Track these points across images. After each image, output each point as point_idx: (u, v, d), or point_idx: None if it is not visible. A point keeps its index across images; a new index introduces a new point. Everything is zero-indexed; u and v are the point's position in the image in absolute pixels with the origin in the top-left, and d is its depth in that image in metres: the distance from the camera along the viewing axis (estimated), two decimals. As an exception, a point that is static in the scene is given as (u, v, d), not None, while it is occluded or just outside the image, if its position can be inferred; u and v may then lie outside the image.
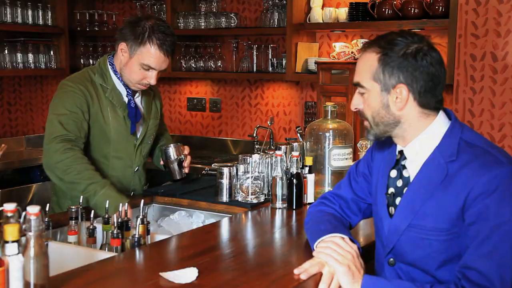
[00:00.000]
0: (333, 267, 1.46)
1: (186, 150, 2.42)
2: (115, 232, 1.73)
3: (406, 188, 1.54)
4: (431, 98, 1.49)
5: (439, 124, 1.52)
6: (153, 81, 2.21)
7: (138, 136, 2.35)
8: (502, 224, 1.36)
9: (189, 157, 2.42)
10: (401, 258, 1.54)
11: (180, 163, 2.37)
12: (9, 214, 1.29)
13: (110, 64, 2.27)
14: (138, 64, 2.18)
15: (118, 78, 2.26)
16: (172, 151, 2.36)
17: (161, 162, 2.45)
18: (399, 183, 1.56)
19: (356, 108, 1.58)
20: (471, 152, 1.45)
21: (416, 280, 1.50)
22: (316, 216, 1.72)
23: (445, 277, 1.47)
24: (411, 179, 1.54)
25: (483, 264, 1.35)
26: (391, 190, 1.58)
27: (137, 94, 2.34)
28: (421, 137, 1.52)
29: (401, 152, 1.57)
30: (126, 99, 2.28)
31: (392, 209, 1.57)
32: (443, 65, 1.52)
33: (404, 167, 1.56)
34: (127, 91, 2.28)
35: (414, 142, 1.53)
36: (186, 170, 2.41)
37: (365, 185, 1.74)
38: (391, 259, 1.56)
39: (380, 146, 1.69)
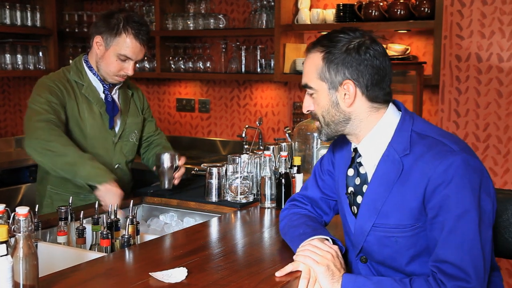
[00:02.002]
0: (311, 267, 1.46)
1: (181, 161, 2.35)
2: (104, 232, 1.74)
3: (365, 185, 1.53)
4: (379, 91, 1.48)
5: (390, 117, 1.52)
6: (130, 72, 2.24)
7: (116, 132, 2.34)
8: (464, 213, 1.37)
9: (182, 169, 2.36)
10: (371, 257, 1.55)
11: (171, 172, 2.31)
12: (-1, 215, 1.30)
13: (85, 62, 2.28)
14: (114, 55, 2.20)
15: (94, 74, 2.27)
16: (165, 158, 2.29)
17: (154, 168, 2.41)
18: (357, 181, 1.56)
19: (308, 110, 1.57)
20: (423, 144, 1.45)
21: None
22: (291, 220, 1.71)
23: (416, 272, 1.48)
24: (369, 176, 1.53)
25: (455, 256, 1.36)
26: (351, 189, 1.58)
27: (113, 91, 2.34)
28: (373, 132, 1.51)
29: (355, 149, 1.58)
30: (102, 95, 2.28)
31: (354, 208, 1.57)
32: (387, 57, 1.50)
33: (360, 164, 1.56)
34: (104, 87, 2.28)
35: (366, 138, 1.52)
36: (176, 182, 2.34)
37: (332, 182, 1.73)
38: (363, 257, 1.57)
39: (339, 143, 1.68)
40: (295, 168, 2.25)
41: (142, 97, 2.53)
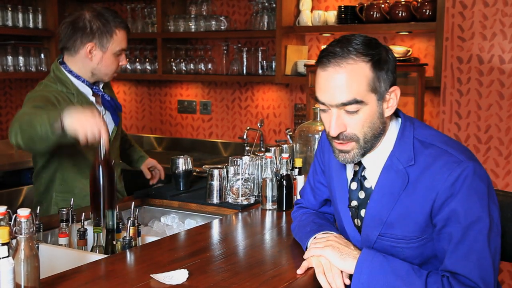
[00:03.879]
0: (321, 255, 1.46)
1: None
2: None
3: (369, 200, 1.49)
4: None
5: (393, 126, 1.47)
6: (125, 61, 2.25)
7: (111, 131, 2.28)
8: (472, 223, 1.34)
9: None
10: None
11: (186, 175, 2.44)
12: None
13: (69, 72, 2.20)
14: (112, 54, 2.20)
15: (79, 80, 2.21)
16: (181, 162, 2.42)
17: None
18: (361, 194, 1.51)
19: (340, 132, 1.39)
20: (428, 154, 1.39)
21: None
22: (301, 219, 1.73)
23: None
24: (373, 188, 1.48)
25: (463, 268, 1.34)
26: (354, 203, 1.53)
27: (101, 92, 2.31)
28: (378, 145, 1.45)
29: (358, 163, 1.50)
30: (92, 98, 2.24)
31: (358, 221, 1.54)
32: None
33: (364, 178, 1.51)
34: (94, 89, 2.25)
35: (374, 151, 1.46)
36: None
37: (324, 189, 1.72)
38: None
39: (328, 149, 1.59)
40: (297, 170, 2.25)
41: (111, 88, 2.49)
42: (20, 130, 1.86)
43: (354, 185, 1.54)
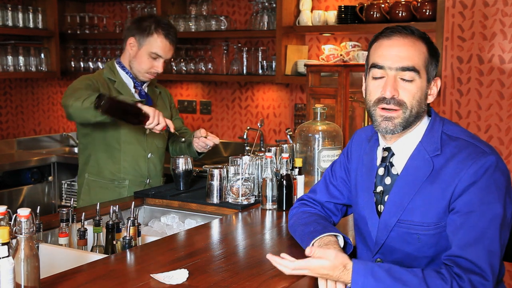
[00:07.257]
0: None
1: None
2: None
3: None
4: None
5: (424, 120, 1.56)
6: (160, 69, 2.49)
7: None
8: (487, 211, 1.38)
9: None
10: (390, 257, 1.55)
11: (186, 175, 2.45)
12: None
13: (117, 63, 2.53)
14: (146, 54, 2.45)
15: (125, 72, 2.50)
16: (181, 162, 2.43)
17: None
18: (388, 180, 1.57)
19: (394, 95, 1.48)
20: (454, 145, 1.48)
21: None
22: (300, 218, 1.72)
23: None
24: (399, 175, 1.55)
25: (471, 252, 1.36)
26: (380, 188, 1.59)
27: (143, 88, 2.56)
28: (409, 133, 1.54)
29: (388, 149, 1.58)
30: (133, 90, 2.51)
31: (381, 207, 1.58)
32: None
33: (392, 164, 1.57)
34: (135, 83, 2.52)
35: (402, 138, 1.55)
36: None
37: (343, 187, 1.75)
38: (379, 259, 1.57)
39: (356, 147, 1.70)
40: (297, 170, 2.25)
41: (169, 96, 2.77)
42: (74, 98, 2.24)
43: (381, 171, 1.59)
